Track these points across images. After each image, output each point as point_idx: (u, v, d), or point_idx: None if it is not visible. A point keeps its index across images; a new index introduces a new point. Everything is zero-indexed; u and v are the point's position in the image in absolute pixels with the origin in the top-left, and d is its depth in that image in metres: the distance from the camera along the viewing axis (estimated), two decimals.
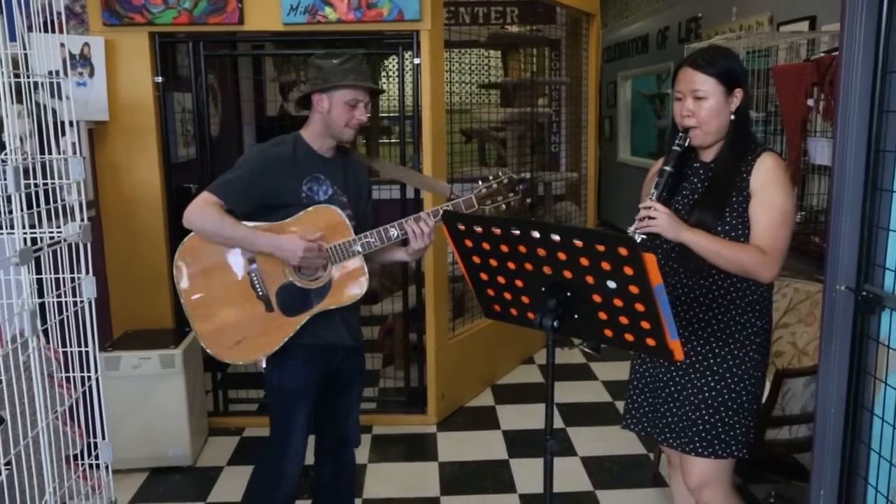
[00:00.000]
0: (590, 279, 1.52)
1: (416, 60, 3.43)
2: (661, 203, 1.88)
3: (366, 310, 3.94)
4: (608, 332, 1.57)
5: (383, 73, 5.56)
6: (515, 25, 5.70)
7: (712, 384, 1.96)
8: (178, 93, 3.83)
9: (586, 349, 1.89)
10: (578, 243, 1.49)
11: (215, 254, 2.19)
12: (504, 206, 2.21)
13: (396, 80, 3.57)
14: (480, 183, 2.23)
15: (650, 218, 1.84)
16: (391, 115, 5.62)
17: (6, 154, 1.69)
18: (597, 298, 1.54)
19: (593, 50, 5.19)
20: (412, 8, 3.32)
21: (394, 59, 5.56)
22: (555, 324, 1.56)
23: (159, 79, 3.39)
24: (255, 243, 2.14)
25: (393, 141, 5.99)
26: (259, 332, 2.20)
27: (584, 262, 1.51)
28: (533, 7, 5.24)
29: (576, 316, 1.59)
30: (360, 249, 2.20)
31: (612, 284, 1.49)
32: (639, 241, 1.84)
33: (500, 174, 2.22)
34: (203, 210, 2.12)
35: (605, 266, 1.48)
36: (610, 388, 4.17)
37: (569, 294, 1.57)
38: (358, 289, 2.21)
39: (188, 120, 3.92)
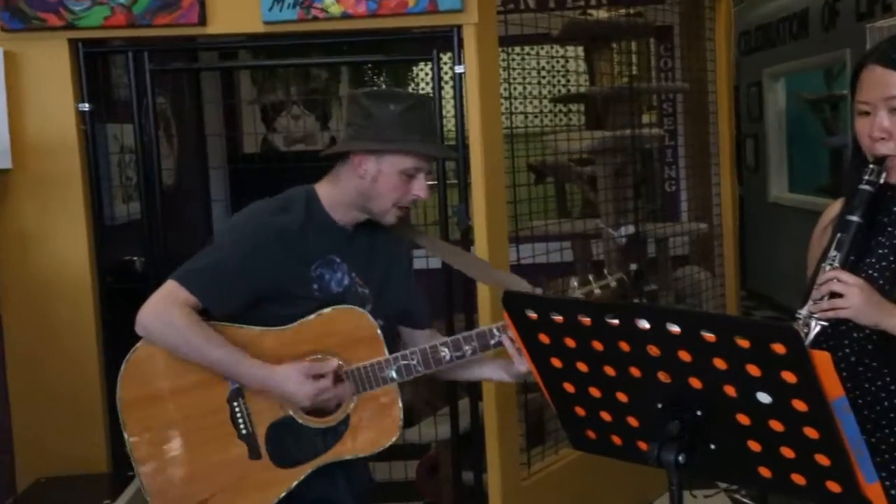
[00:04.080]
0: (730, 390, 1.52)
1: (459, 68, 3.50)
2: (846, 270, 1.86)
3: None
4: (764, 472, 1.57)
5: (412, 88, 5.81)
6: (604, 10, 5.81)
7: None
8: (113, 124, 3.97)
9: (744, 499, 1.87)
10: (709, 337, 1.49)
11: (179, 368, 2.24)
12: None
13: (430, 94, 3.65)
14: (575, 285, 2.31)
15: (835, 295, 1.82)
16: None
17: None
18: (743, 420, 1.54)
19: (722, 38, 5.23)
20: None
21: (425, 67, 5.71)
22: (680, 458, 1.56)
23: (86, 106, 3.51)
24: (241, 374, 2.21)
25: (427, 182, 6.03)
26: (235, 488, 2.23)
27: (721, 364, 1.51)
28: None
29: (712, 446, 1.59)
30: (395, 375, 2.26)
31: (764, 398, 1.49)
32: (817, 330, 1.82)
33: (608, 274, 2.31)
34: (167, 313, 2.17)
35: (753, 371, 1.47)
36: None
37: (699, 413, 1.58)
38: (385, 435, 2.30)
39: (129, 164, 4.06)
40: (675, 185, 6.43)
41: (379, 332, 2.27)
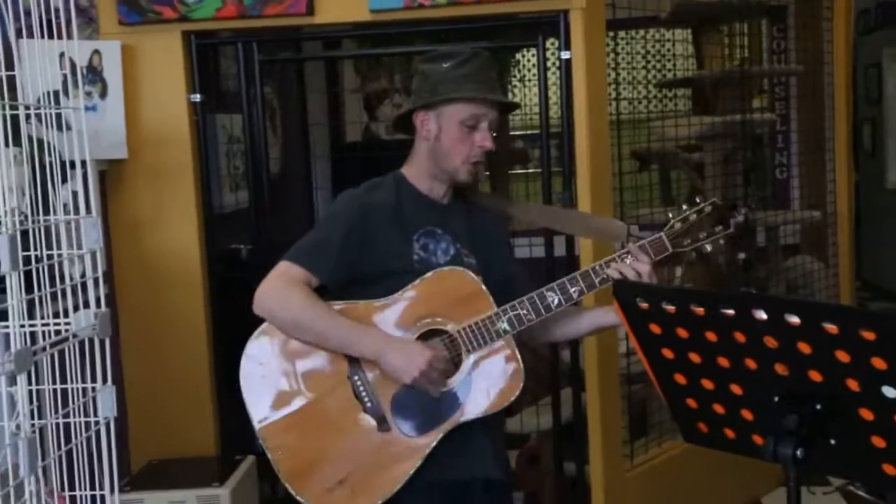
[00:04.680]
0: (853, 384, 1.51)
1: (565, 54, 3.51)
2: None
3: None
4: (889, 469, 1.55)
5: (514, 74, 5.72)
6: None
7: None
8: (223, 115, 4.01)
9: (860, 492, 1.84)
10: (831, 328, 1.47)
11: (300, 348, 2.30)
12: (709, 246, 2.28)
13: (534, 83, 3.80)
14: (671, 217, 2.29)
15: None
16: (528, 132, 5.70)
17: None
18: (867, 415, 1.52)
19: (841, 17, 5.10)
20: None
21: (530, 54, 5.66)
22: (798, 453, 1.55)
23: (197, 97, 3.62)
24: (359, 344, 2.25)
25: (530, 171, 6.02)
26: (372, 464, 2.26)
27: (843, 356, 1.49)
28: None
29: (832, 441, 1.58)
30: (507, 327, 2.27)
31: (891, 393, 1.47)
32: None
33: (699, 200, 2.29)
34: (285, 289, 2.24)
35: (879, 364, 1.45)
36: None
37: (818, 407, 1.57)
38: (511, 385, 2.28)
39: (237, 153, 4.11)
40: (787, 172, 6.29)
41: (483, 286, 2.28)
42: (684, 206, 2.30)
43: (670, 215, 2.30)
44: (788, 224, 5.13)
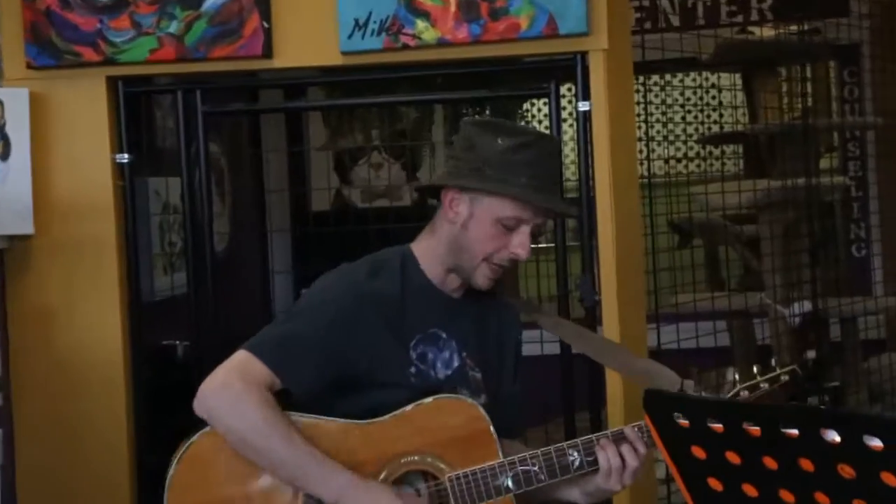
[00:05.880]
0: None
1: (583, 105, 3.48)
2: None
3: None
4: None
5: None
6: (769, 26, 5.76)
7: None
8: (156, 178, 3.99)
9: None
10: None
11: (243, 470, 2.25)
12: None
13: None
14: (734, 378, 2.29)
15: None
16: None
17: None
18: None
19: None
20: (574, 14, 3.39)
21: (541, 102, 5.71)
22: None
23: (125, 157, 3.60)
24: (315, 485, 2.20)
25: (540, 245, 5.86)
26: None
27: None
28: None
29: None
30: (511, 485, 2.25)
31: None
32: None
33: (774, 363, 2.30)
34: (240, 392, 2.19)
35: None
36: None
37: None
38: None
39: (174, 226, 4.08)
40: (866, 249, 6.26)
41: (491, 428, 2.27)
42: (755, 369, 2.27)
43: (735, 377, 2.29)
44: (870, 315, 5.15)
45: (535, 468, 2.24)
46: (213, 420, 2.23)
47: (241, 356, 2.24)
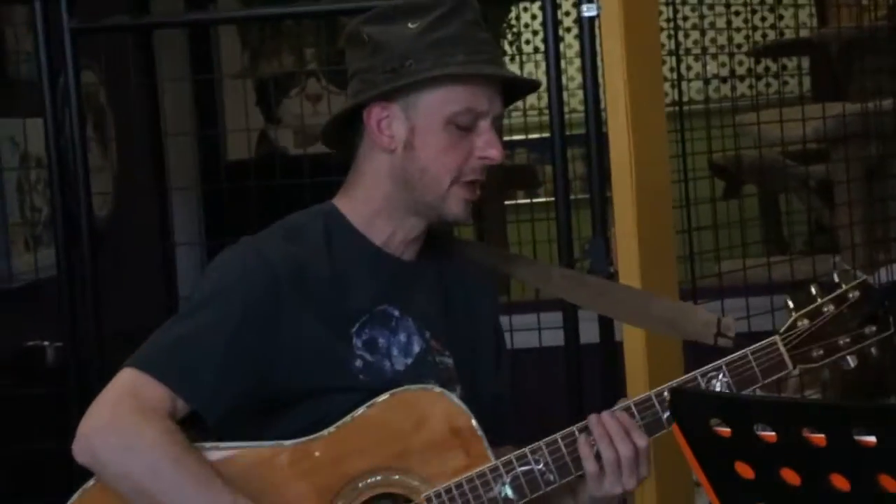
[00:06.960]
0: None
1: (588, 10, 3.17)
2: None
3: None
4: None
5: (508, 42, 5.64)
6: None
7: None
8: (11, 120, 3.83)
9: None
10: None
11: None
12: (853, 361, 2.11)
13: (539, 57, 3.58)
14: (790, 306, 2.14)
15: None
16: (531, 137, 5.65)
17: None
18: None
19: None
20: None
21: (535, 8, 5.51)
22: None
23: None
24: None
25: (538, 200, 5.77)
26: None
27: None
28: None
29: None
30: (511, 494, 2.07)
31: None
32: None
33: (837, 279, 2.12)
34: (129, 424, 2.00)
35: None
36: None
37: None
38: None
39: (36, 186, 3.84)
40: None
41: (475, 423, 2.08)
42: (813, 290, 2.13)
43: (790, 304, 2.14)
44: None
45: (540, 466, 2.08)
46: (100, 467, 2.02)
47: (127, 377, 2.03)
